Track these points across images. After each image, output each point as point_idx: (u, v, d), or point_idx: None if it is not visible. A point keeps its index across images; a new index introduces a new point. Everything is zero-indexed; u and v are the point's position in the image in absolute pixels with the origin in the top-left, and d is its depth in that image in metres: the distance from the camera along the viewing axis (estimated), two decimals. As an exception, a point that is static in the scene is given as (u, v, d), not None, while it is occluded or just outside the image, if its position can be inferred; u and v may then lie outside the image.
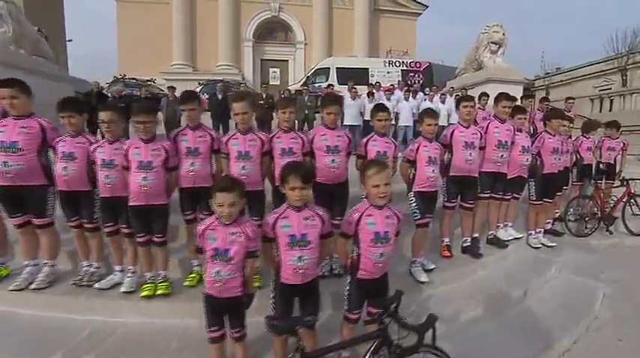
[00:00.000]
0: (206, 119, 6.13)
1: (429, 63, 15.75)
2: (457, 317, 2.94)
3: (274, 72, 26.91)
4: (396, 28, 28.00)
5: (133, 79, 14.20)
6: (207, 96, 10.34)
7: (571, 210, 6.32)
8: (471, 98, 3.86)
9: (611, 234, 6.13)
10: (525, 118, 4.44)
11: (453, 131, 3.74)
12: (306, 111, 9.87)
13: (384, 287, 2.34)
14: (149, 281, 3.10)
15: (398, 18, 28.61)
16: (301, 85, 14.41)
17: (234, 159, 3.09)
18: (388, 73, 14.73)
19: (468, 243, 3.98)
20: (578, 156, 6.36)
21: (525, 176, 4.52)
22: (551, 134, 4.65)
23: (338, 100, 3.33)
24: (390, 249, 2.25)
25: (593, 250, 5.50)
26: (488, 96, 7.62)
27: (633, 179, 6.25)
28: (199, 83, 15.07)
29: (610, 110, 12.98)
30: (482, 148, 3.85)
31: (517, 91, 11.26)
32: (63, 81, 11.55)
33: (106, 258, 3.37)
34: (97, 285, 3.11)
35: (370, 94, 10.25)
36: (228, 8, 24.74)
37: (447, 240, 3.90)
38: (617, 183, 6.41)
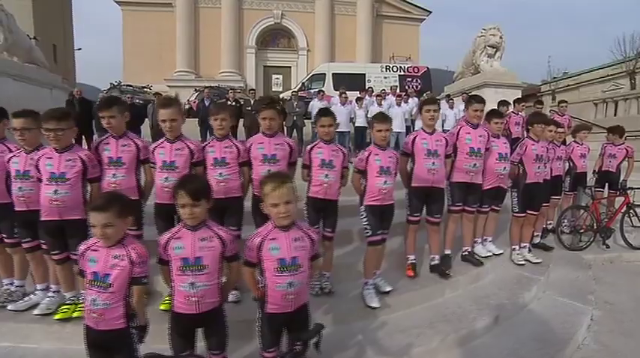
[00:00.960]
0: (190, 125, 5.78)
1: (427, 68, 15.31)
2: (406, 351, 2.54)
3: (277, 78, 26.77)
4: (399, 34, 27.66)
5: (129, 85, 14.12)
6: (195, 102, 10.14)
7: (565, 221, 5.84)
8: (435, 101, 3.47)
9: (608, 248, 5.62)
10: (502, 123, 4.03)
11: (414, 138, 3.36)
12: (295, 118, 9.55)
13: (303, 322, 1.97)
14: (68, 302, 2.78)
15: (401, 24, 28.29)
16: (295, 91, 14.14)
17: (159, 169, 2.80)
18: (385, 78, 14.35)
19: (437, 261, 3.56)
20: (571, 164, 5.89)
21: (505, 186, 4.09)
22: (534, 140, 4.22)
23: (273, 103, 2.99)
24: (302, 277, 1.89)
25: (586, 266, 5.01)
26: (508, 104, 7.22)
27: (632, 188, 5.74)
28: (195, 89, 14.93)
29: (615, 114, 12.36)
30: (448, 156, 3.45)
31: (514, 96, 10.79)
32: (56, 88, 11.49)
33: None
34: (10, 306, 2.80)
35: (359, 100, 9.92)
36: (230, 16, 24.76)
37: (411, 257, 3.50)
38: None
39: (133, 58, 24.03)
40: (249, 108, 9.62)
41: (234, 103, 9.80)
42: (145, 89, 13.79)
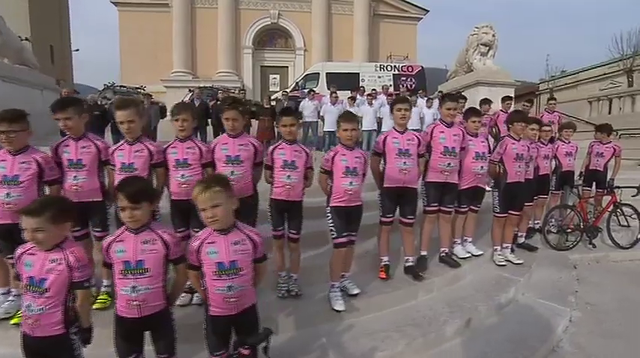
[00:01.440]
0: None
1: (422, 67, 15.20)
2: (370, 355, 2.46)
3: (274, 78, 26.69)
4: (397, 33, 27.53)
5: (123, 86, 14.07)
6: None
7: (552, 220, 5.76)
8: (405, 100, 3.39)
9: (595, 248, 5.53)
10: (480, 121, 3.94)
11: (385, 137, 3.28)
12: (285, 117, 9.45)
13: (250, 326, 1.90)
14: (27, 306, 2.71)
15: (398, 23, 28.15)
16: (290, 91, 14.06)
17: (118, 172, 2.74)
18: (379, 77, 14.25)
19: (411, 263, 3.48)
20: (557, 162, 5.80)
21: (483, 186, 4.01)
22: (514, 139, 4.14)
23: (236, 104, 2.92)
24: (243, 280, 1.83)
25: (570, 266, 4.93)
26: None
27: (619, 187, 5.64)
28: (189, 90, 14.86)
29: (609, 113, 12.27)
30: (421, 156, 3.37)
31: (508, 94, 10.69)
32: (47, 89, 11.45)
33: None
34: (-32, 311, 2.74)
35: (352, 99, 9.84)
36: (227, 16, 24.67)
37: (385, 259, 3.42)
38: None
39: (130, 58, 24.00)
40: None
41: (216, 101, 9.73)
42: (139, 90, 13.72)
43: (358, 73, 14.36)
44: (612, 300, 4.11)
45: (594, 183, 5.85)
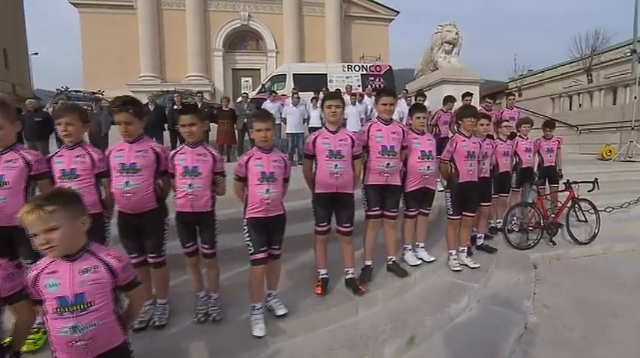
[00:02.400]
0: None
1: (389, 66, 15.06)
2: (289, 391, 2.10)
3: (246, 81, 26.12)
4: (369, 34, 27.55)
5: (78, 91, 13.27)
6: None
7: (514, 219, 5.58)
8: (336, 96, 3.06)
9: (555, 245, 5.36)
10: (425, 117, 3.66)
11: (315, 138, 2.93)
12: (245, 121, 9.03)
13: None
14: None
15: (369, 24, 28.19)
16: (257, 94, 13.63)
17: (59, 181, 2.41)
18: (347, 77, 14.00)
19: (351, 275, 3.13)
20: (517, 159, 5.63)
21: (433, 187, 3.72)
22: (465, 136, 3.88)
23: (126, 106, 2.51)
24: (94, 318, 1.44)
25: (530, 266, 4.71)
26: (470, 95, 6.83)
27: (577, 182, 5.51)
28: (152, 94, 14.18)
29: (570, 109, 12.43)
30: (356, 157, 3.03)
31: (473, 91, 10.61)
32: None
33: None
34: None
35: (314, 99, 9.50)
36: (195, 18, 24.02)
37: (322, 272, 3.06)
38: (561, 186, 5.71)
39: (94, 62, 22.95)
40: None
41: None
42: (97, 95, 12.94)
43: (326, 74, 14.08)
44: (568, 301, 3.89)
45: (547, 179, 5.73)
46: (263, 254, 2.50)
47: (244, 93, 9.68)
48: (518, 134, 5.67)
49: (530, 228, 5.38)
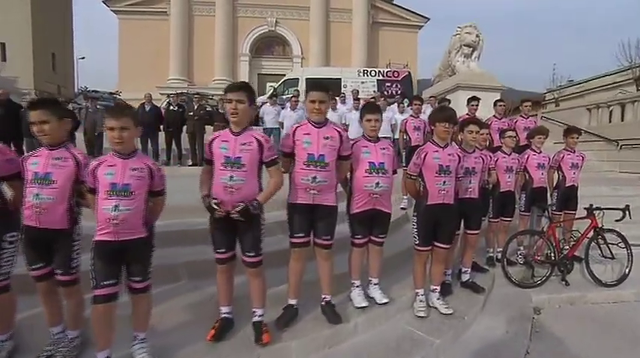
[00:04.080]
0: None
1: (409, 72, 14.03)
2: None
3: (271, 86, 25.92)
4: (396, 41, 26.54)
5: (96, 91, 13.41)
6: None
7: (521, 249, 4.54)
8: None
9: (568, 286, 4.25)
10: (379, 121, 2.81)
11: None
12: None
13: None
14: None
15: (398, 31, 27.19)
16: (268, 97, 13.13)
17: (29, 185, 2.07)
18: (362, 83, 13.15)
19: (258, 318, 2.33)
20: (527, 177, 4.59)
21: (387, 210, 2.86)
22: (438, 145, 2.98)
23: (38, 104, 2.08)
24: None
25: (529, 312, 3.67)
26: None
27: (600, 208, 4.36)
28: (168, 96, 14.12)
29: (610, 121, 10.83)
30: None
31: (493, 99, 9.46)
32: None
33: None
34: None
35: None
36: (224, 24, 24.22)
37: (224, 310, 2.35)
38: (580, 212, 4.58)
39: (128, 65, 23.65)
40: (192, 113, 8.63)
41: (176, 108, 8.84)
42: (115, 95, 13.03)
43: (340, 79, 13.31)
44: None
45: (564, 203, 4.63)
46: (107, 289, 1.83)
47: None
48: (530, 147, 4.64)
49: (538, 262, 4.32)
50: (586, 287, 4.25)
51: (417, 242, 3.05)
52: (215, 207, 2.18)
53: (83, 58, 28.93)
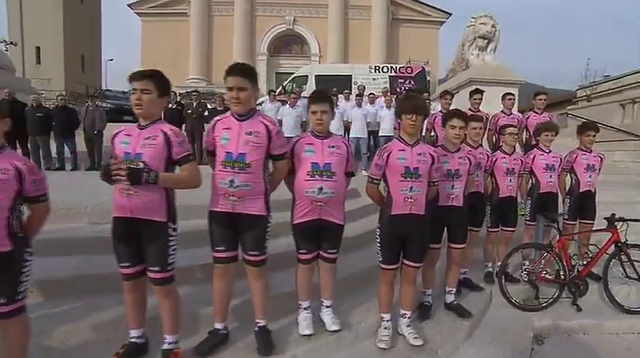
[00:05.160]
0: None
1: (422, 67, 13.21)
2: None
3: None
4: (417, 38, 25.54)
5: (109, 90, 13.54)
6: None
7: (526, 264, 3.88)
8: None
9: (580, 311, 3.55)
10: (324, 112, 2.29)
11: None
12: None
13: None
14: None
15: (419, 27, 26.17)
16: (277, 94, 12.76)
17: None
18: (374, 79, 12.50)
19: (168, 346, 1.91)
20: (533, 180, 3.91)
21: (336, 220, 2.33)
22: (405, 142, 2.43)
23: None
24: None
25: (527, 343, 3.04)
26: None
27: (624, 219, 3.61)
28: (178, 94, 14.07)
29: (647, 118, 9.64)
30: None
31: (512, 93, 8.60)
32: (22, 91, 11.01)
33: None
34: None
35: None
36: (243, 23, 24.15)
37: (133, 333, 1.94)
38: (598, 223, 3.84)
39: (150, 66, 23.18)
40: (190, 111, 8.37)
41: (174, 106, 8.60)
42: (127, 94, 13.12)
43: (351, 76, 12.73)
44: None
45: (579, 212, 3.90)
46: None
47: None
48: (537, 145, 3.96)
49: (544, 281, 3.64)
50: (603, 314, 3.54)
51: (381, 259, 2.51)
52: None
53: (111, 59, 29.87)
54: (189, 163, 1.94)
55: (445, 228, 2.93)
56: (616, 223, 3.62)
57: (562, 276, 3.59)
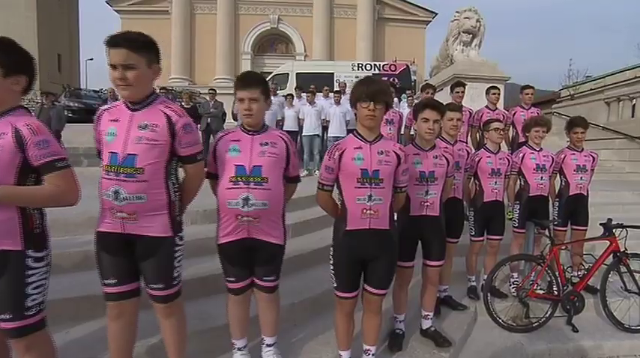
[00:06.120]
0: None
1: (407, 65, 12.79)
2: None
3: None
4: (403, 37, 25.19)
5: (79, 89, 12.77)
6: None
7: (514, 276, 3.41)
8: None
9: (577, 332, 3.07)
10: (253, 99, 1.76)
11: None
12: (209, 121, 7.52)
13: None
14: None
15: (404, 26, 25.83)
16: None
17: None
18: (357, 77, 12.02)
19: None
20: (522, 182, 3.44)
21: (270, 239, 1.80)
22: (362, 139, 1.90)
23: None
24: None
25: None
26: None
27: (623, 226, 3.14)
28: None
29: (633, 116, 9.39)
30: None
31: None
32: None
33: None
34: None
35: (290, 96, 7.81)
36: (226, 21, 23.42)
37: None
38: (593, 229, 3.39)
39: (130, 65, 23.16)
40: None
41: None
42: (99, 93, 12.37)
43: (333, 73, 12.23)
44: None
45: (570, 217, 3.45)
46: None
47: (211, 89, 8.20)
48: (526, 143, 3.49)
49: (535, 297, 3.16)
50: (602, 333, 3.08)
51: (334, 284, 1.98)
52: None
53: (92, 59, 28.69)
54: (56, 172, 1.37)
55: (419, 242, 2.42)
56: (614, 230, 3.16)
57: (555, 292, 3.13)
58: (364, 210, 1.83)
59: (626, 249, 3.13)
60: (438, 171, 2.28)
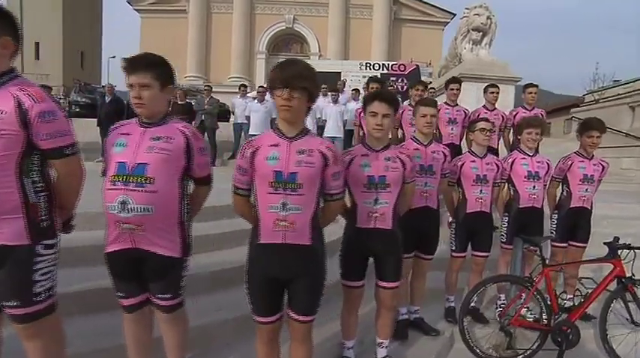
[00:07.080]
0: None
1: (416, 65, 12.27)
2: None
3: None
4: (420, 38, 24.55)
5: (89, 84, 12.93)
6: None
7: (501, 298, 2.97)
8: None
9: (569, 369, 2.60)
10: (145, 86, 1.44)
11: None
12: (203, 118, 7.31)
13: None
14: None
15: (422, 27, 25.20)
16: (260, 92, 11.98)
17: None
18: (364, 77, 11.64)
19: None
20: (512, 191, 2.99)
21: (161, 251, 1.47)
22: (281, 134, 1.55)
23: None
24: None
25: None
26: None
27: (631, 247, 2.64)
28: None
29: (660, 122, 8.56)
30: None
31: (506, 90, 7.62)
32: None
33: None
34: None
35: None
36: (242, 21, 23.48)
37: None
38: (593, 249, 2.89)
39: (148, 63, 23.54)
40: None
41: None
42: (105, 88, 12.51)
43: (340, 73, 11.86)
44: None
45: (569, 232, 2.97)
46: None
47: (207, 85, 7.99)
48: (518, 147, 3.04)
49: (519, 326, 2.71)
50: (599, 372, 2.60)
51: (252, 307, 1.63)
52: None
53: (114, 57, 29.37)
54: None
55: (371, 259, 2.05)
56: (618, 250, 2.67)
57: (545, 320, 2.66)
58: (277, 221, 1.48)
59: (633, 275, 2.63)
60: (390, 176, 1.90)
